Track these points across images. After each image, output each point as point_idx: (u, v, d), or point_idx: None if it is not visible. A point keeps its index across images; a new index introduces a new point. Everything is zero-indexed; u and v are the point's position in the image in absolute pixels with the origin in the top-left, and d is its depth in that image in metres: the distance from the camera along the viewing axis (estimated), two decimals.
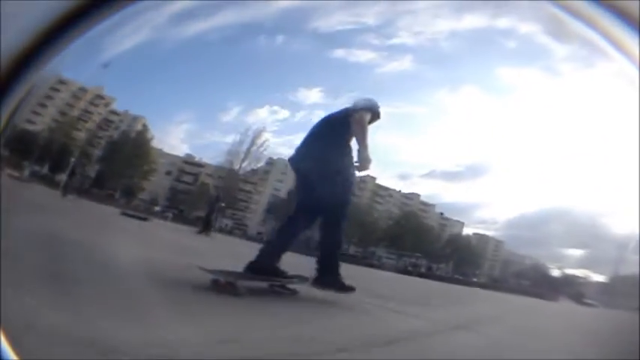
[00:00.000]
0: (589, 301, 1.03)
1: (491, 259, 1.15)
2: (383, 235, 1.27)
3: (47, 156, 1.23)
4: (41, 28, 0.64)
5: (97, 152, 1.21)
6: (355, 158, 1.09)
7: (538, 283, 1.09)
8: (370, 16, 1.04)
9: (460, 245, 1.16)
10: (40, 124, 1.19)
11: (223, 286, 1.06)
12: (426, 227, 1.19)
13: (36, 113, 1.16)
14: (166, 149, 1.35)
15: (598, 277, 1.01)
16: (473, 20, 1.02)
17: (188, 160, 1.33)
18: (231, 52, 1.14)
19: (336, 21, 1.07)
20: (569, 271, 1.05)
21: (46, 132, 1.21)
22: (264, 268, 1.13)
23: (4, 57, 0.60)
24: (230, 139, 1.27)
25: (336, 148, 1.12)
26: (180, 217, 1.36)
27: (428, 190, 1.12)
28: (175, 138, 1.29)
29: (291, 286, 1.15)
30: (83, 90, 1.22)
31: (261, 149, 1.26)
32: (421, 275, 1.24)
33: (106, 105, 1.24)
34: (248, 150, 1.26)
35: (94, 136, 1.22)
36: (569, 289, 1.05)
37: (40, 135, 1.18)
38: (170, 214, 1.35)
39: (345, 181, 1.11)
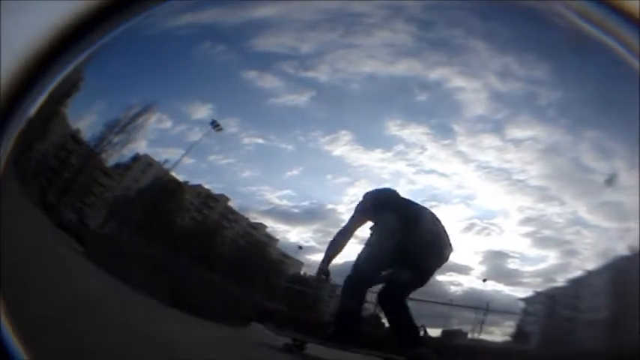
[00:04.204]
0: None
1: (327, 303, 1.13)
2: (222, 261, 1.15)
3: None
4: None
5: None
6: None
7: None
8: (308, 43, 0.99)
9: (300, 285, 1.12)
10: None
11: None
12: (269, 261, 1.12)
13: None
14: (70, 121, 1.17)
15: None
16: (403, 68, 0.96)
17: (75, 135, 1.16)
18: (155, 49, 1.08)
19: (275, 42, 1.02)
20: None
21: None
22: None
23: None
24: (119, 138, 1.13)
25: None
26: None
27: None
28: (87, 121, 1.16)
29: None
30: None
31: (121, 149, 1.12)
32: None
33: None
34: (110, 144, 1.11)
35: None
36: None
37: None
38: None
39: None
